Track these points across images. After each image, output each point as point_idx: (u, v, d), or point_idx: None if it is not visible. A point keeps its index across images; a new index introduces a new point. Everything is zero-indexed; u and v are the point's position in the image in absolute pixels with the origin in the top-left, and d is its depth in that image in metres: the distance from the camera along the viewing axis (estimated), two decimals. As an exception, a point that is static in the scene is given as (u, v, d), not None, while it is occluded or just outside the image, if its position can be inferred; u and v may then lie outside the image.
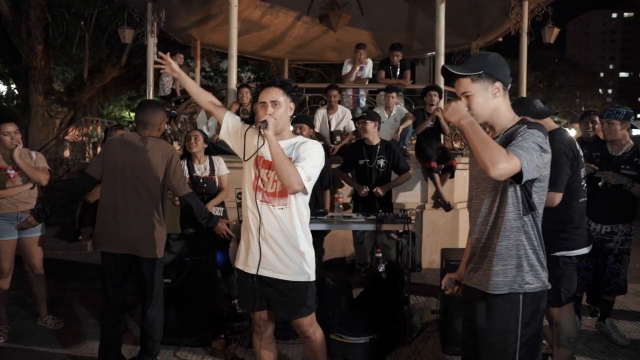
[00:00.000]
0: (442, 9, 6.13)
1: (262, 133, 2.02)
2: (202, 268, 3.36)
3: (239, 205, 3.43)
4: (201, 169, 4.00)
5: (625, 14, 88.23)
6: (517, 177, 1.63)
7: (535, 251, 1.76)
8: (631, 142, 3.39)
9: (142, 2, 7.35)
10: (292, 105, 2.22)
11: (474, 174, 1.90)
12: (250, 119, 5.83)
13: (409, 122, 5.47)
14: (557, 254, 2.47)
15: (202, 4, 7.59)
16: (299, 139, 2.25)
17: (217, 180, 4.02)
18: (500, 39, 8.96)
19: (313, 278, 2.25)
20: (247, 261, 2.25)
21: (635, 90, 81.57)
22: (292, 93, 2.20)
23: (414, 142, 5.90)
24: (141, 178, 2.78)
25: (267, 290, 2.23)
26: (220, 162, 4.09)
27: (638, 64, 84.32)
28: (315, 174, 2.12)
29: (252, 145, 2.14)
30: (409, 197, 5.64)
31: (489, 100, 1.77)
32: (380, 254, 4.75)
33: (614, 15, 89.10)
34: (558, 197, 2.40)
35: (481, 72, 1.75)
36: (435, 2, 6.33)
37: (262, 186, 2.18)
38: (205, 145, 4.01)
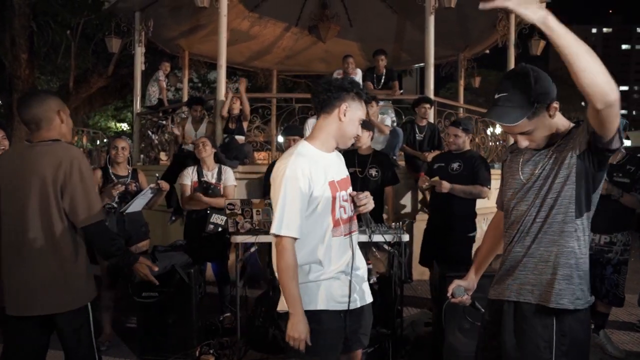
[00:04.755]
0: (431, 20, 6.16)
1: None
2: (190, 281, 3.27)
3: (229, 215, 3.34)
4: (209, 175, 4.02)
5: (605, 30, 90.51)
6: (601, 141, 1.45)
7: (578, 261, 1.59)
8: (623, 150, 3.41)
9: (130, 11, 7.29)
10: None
11: (511, 184, 1.73)
12: (238, 127, 5.76)
13: (383, 129, 5.33)
14: None
15: (191, 14, 7.54)
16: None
17: (222, 189, 4.03)
18: (487, 51, 9.08)
19: None
20: (336, 296, 1.89)
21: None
22: None
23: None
24: (29, 204, 1.95)
25: (351, 324, 1.94)
26: (228, 173, 4.11)
27: (617, 78, 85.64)
28: None
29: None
30: (399, 208, 5.61)
31: (550, 122, 1.60)
32: (371, 266, 4.69)
33: (594, 30, 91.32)
34: None
35: (535, 106, 1.54)
36: (424, 13, 6.37)
37: (342, 216, 1.92)
38: (214, 150, 4.07)
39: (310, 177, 1.80)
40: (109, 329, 3.57)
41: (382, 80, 6.27)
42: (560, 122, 1.63)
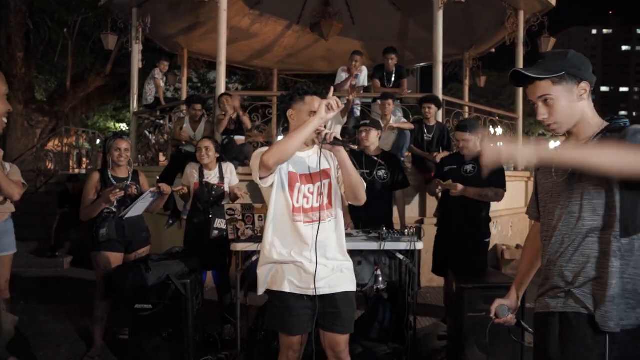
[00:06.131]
0: (440, 15, 5.95)
1: (341, 148, 2.01)
2: (187, 292, 3.04)
3: (229, 221, 3.13)
4: (211, 175, 3.82)
5: (605, 31, 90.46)
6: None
7: (620, 280, 1.44)
8: None
9: (127, 7, 7.07)
10: None
11: (546, 187, 1.62)
12: (237, 127, 5.54)
13: (407, 126, 5.20)
14: None
15: (190, 10, 7.34)
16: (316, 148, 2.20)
17: (227, 189, 3.83)
18: (493, 50, 8.87)
19: None
20: (299, 282, 2.09)
21: (615, 104, 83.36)
22: None
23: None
24: None
25: (322, 307, 2.09)
26: (230, 171, 3.91)
27: (618, 79, 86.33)
28: None
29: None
30: (406, 211, 5.38)
31: (575, 104, 1.52)
32: (379, 272, 4.47)
33: (594, 31, 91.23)
34: None
35: (563, 72, 1.51)
36: (429, 11, 6.17)
37: (305, 205, 2.10)
38: (217, 155, 3.85)
39: None
40: (100, 341, 3.35)
41: (393, 78, 6.04)
42: (591, 114, 1.55)
